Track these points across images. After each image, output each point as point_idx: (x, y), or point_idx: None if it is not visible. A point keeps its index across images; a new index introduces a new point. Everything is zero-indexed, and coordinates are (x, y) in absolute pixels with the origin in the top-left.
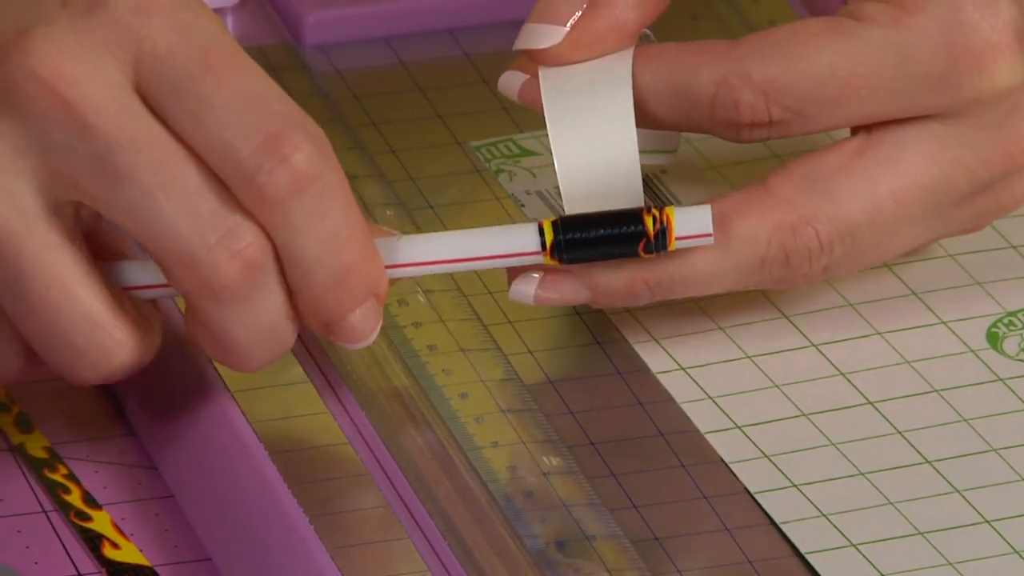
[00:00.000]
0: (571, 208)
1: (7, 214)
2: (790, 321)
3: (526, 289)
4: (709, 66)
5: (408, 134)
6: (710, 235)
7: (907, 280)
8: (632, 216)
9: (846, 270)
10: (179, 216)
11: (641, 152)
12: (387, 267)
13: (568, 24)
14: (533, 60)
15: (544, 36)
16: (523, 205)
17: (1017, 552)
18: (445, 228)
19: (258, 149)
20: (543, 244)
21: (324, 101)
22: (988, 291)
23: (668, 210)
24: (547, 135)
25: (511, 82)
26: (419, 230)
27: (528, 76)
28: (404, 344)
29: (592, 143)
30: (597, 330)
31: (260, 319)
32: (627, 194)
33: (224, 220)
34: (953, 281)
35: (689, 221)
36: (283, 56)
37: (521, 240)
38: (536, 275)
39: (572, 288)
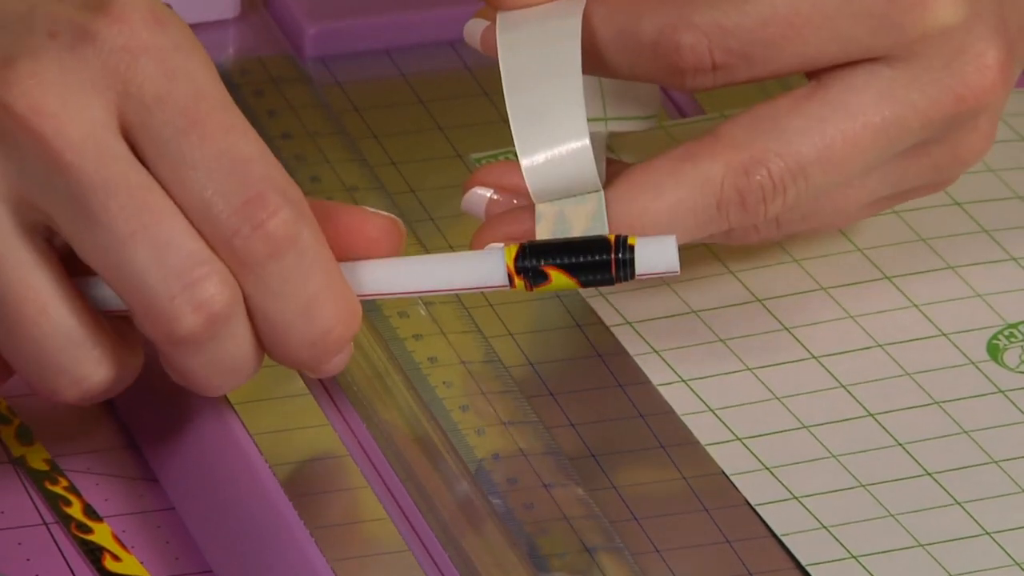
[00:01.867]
0: (531, 179)
1: None
2: (791, 333)
3: (475, 209)
4: (652, 12)
5: (409, 146)
6: (676, 270)
7: (908, 292)
8: (598, 245)
9: (802, 222)
10: (145, 264)
11: (619, 119)
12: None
13: None
14: (492, 5)
15: None
16: None
17: (1018, 564)
18: (446, 240)
19: (236, 212)
20: (508, 276)
21: (325, 113)
22: (989, 303)
23: (631, 240)
24: None
25: (474, 29)
26: (420, 242)
27: (490, 23)
28: (405, 356)
29: (543, 95)
30: (598, 342)
31: (222, 362)
32: (580, 165)
33: (190, 271)
34: (954, 293)
35: (654, 255)
36: (284, 68)
37: (487, 271)
38: (485, 193)
39: (520, 216)
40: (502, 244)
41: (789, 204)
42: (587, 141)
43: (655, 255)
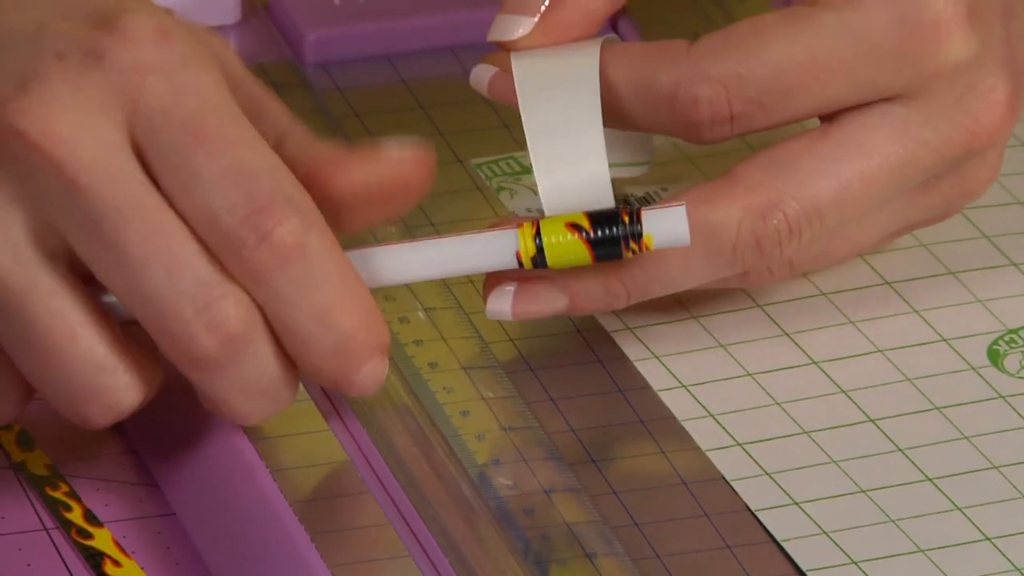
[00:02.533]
0: (548, 200)
1: (7, 264)
2: (791, 339)
3: (502, 307)
4: (668, 65)
5: None
6: (687, 243)
7: (908, 298)
8: (608, 217)
9: (814, 261)
10: (160, 286)
11: (613, 165)
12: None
13: (537, 14)
14: (505, 48)
15: (514, 26)
16: None
17: (1018, 569)
18: None
19: (242, 224)
20: (519, 259)
21: (325, 119)
22: (989, 308)
23: (642, 213)
24: None
25: (482, 76)
26: None
27: (498, 70)
28: (405, 362)
29: (564, 135)
30: (599, 348)
31: (248, 384)
32: (598, 190)
33: (204, 293)
34: (954, 298)
35: (664, 224)
36: (284, 73)
37: (500, 252)
38: (510, 288)
39: (549, 297)
40: (515, 226)
41: (804, 245)
42: (608, 185)
43: (667, 227)
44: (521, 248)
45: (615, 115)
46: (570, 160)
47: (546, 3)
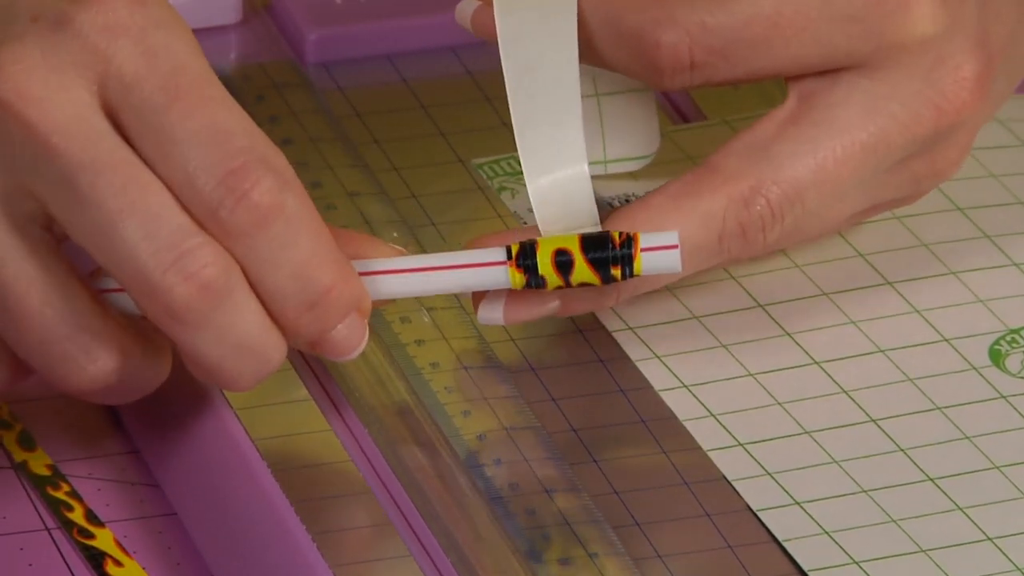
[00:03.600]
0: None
1: None
2: (793, 339)
3: (494, 314)
4: (639, 6)
5: (411, 152)
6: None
7: (910, 298)
8: (600, 242)
9: (796, 239)
10: (137, 240)
11: (618, 161)
12: None
13: None
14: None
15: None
16: (525, 223)
17: (1019, 569)
18: (448, 247)
19: (219, 185)
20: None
21: (326, 119)
22: (990, 309)
23: (636, 239)
24: None
25: (465, 10)
26: (422, 249)
27: (481, 3)
28: (407, 362)
29: (542, 86)
30: (600, 348)
31: (230, 338)
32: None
33: (180, 243)
34: (955, 299)
35: (657, 256)
36: (285, 73)
37: (489, 274)
38: (500, 295)
39: (539, 301)
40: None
41: (787, 231)
42: (586, 169)
43: (660, 258)
44: (512, 280)
45: (586, 49)
46: (549, 120)
47: None
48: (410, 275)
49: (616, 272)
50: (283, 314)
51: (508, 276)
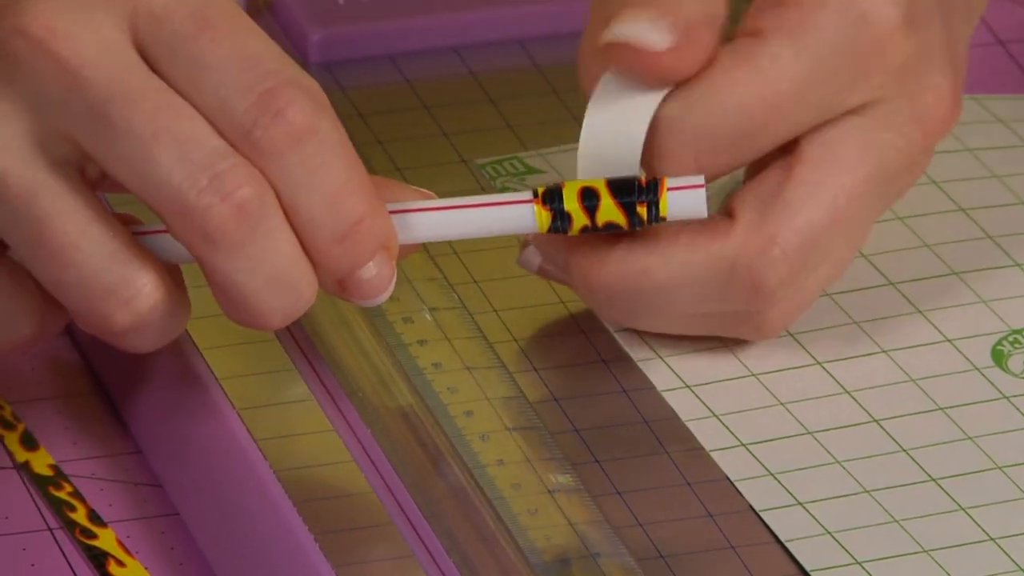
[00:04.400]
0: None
1: (15, 170)
2: (795, 339)
3: (532, 260)
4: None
5: (413, 152)
6: (704, 215)
7: (912, 298)
8: (627, 186)
9: (807, 299)
10: (172, 163)
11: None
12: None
13: (684, 26)
14: (621, 59)
15: (656, 33)
16: None
17: (1022, 569)
18: (452, 249)
19: (253, 106)
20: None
21: None
22: (993, 309)
23: (663, 180)
24: (551, 153)
25: (532, 259)
26: (424, 248)
27: (542, 256)
28: (409, 362)
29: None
30: (602, 348)
31: (265, 267)
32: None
33: (216, 163)
34: (958, 299)
35: (683, 196)
36: None
37: (516, 213)
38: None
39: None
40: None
41: (807, 277)
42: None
43: (685, 199)
44: (539, 220)
45: None
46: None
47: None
48: (436, 214)
49: (642, 211)
50: (315, 244)
51: (535, 216)
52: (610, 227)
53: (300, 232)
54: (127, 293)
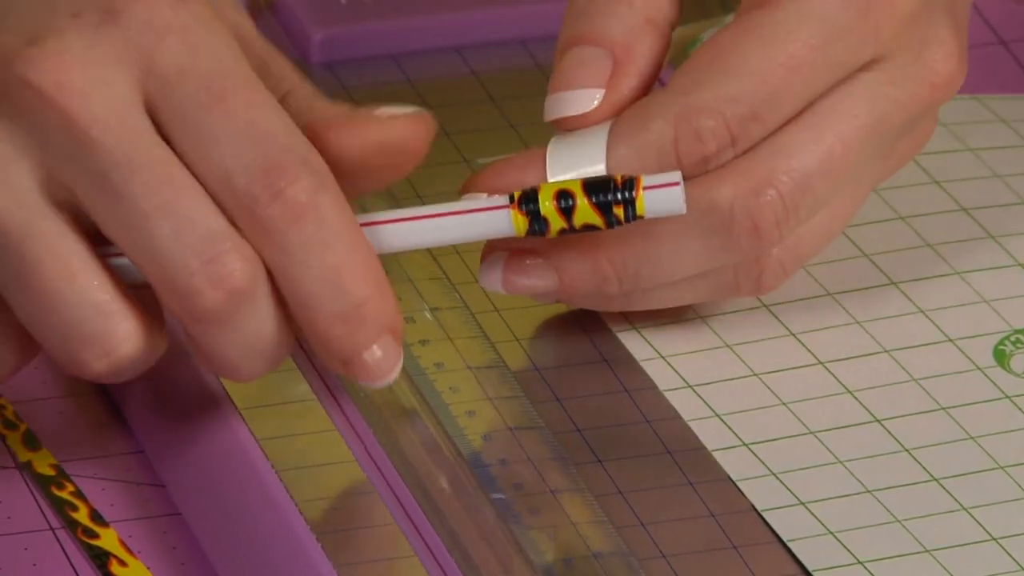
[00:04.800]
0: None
1: (9, 207)
2: (797, 339)
3: (493, 276)
4: (658, 113)
5: None
6: (682, 211)
7: (914, 298)
8: (602, 185)
9: (806, 249)
10: (167, 241)
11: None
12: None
13: (601, 86)
14: (563, 127)
15: (578, 103)
16: None
17: None
18: (454, 249)
19: (256, 181)
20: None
21: None
22: (995, 309)
23: (639, 179)
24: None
25: (492, 278)
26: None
27: (503, 268)
28: (411, 362)
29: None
30: (605, 348)
31: (248, 340)
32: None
33: (211, 247)
34: (960, 299)
35: (661, 196)
36: None
37: (494, 220)
38: (500, 258)
39: (538, 272)
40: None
41: (801, 220)
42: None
43: (662, 197)
44: (515, 224)
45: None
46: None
47: (606, 74)
48: (412, 223)
49: (619, 211)
50: (314, 324)
51: (511, 220)
52: (588, 228)
53: (299, 312)
54: (107, 345)
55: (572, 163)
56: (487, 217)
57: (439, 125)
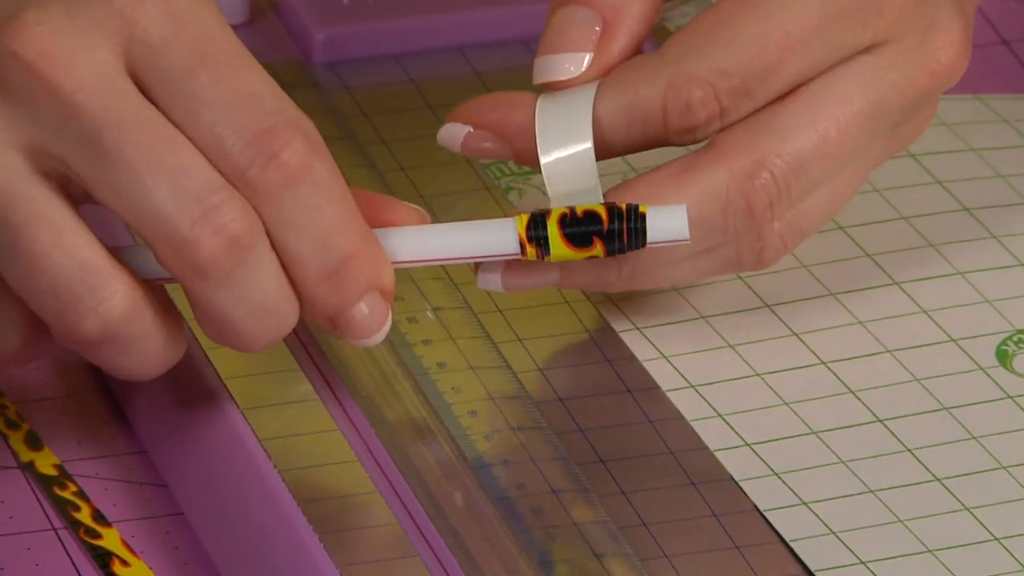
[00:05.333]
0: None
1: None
2: (800, 339)
3: (492, 277)
4: (648, 79)
5: (418, 151)
6: (686, 238)
7: (917, 298)
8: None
9: (808, 224)
10: (163, 194)
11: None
12: None
13: (591, 50)
14: (552, 90)
15: (567, 66)
16: None
17: None
18: None
19: (249, 145)
20: (520, 245)
21: (334, 119)
22: (997, 309)
23: (643, 209)
24: None
25: (453, 135)
26: None
27: (469, 128)
28: (414, 361)
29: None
30: (607, 348)
31: (252, 297)
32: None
33: (208, 197)
34: (962, 299)
35: (664, 222)
36: (293, 73)
37: (499, 240)
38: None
39: (539, 269)
40: (514, 217)
41: (793, 201)
42: (590, 145)
43: (666, 223)
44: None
45: (608, 147)
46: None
47: (595, 37)
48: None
49: (621, 238)
50: (303, 281)
51: (519, 245)
52: (591, 257)
53: (289, 270)
54: (93, 300)
55: (560, 124)
56: (495, 239)
57: (441, 125)
